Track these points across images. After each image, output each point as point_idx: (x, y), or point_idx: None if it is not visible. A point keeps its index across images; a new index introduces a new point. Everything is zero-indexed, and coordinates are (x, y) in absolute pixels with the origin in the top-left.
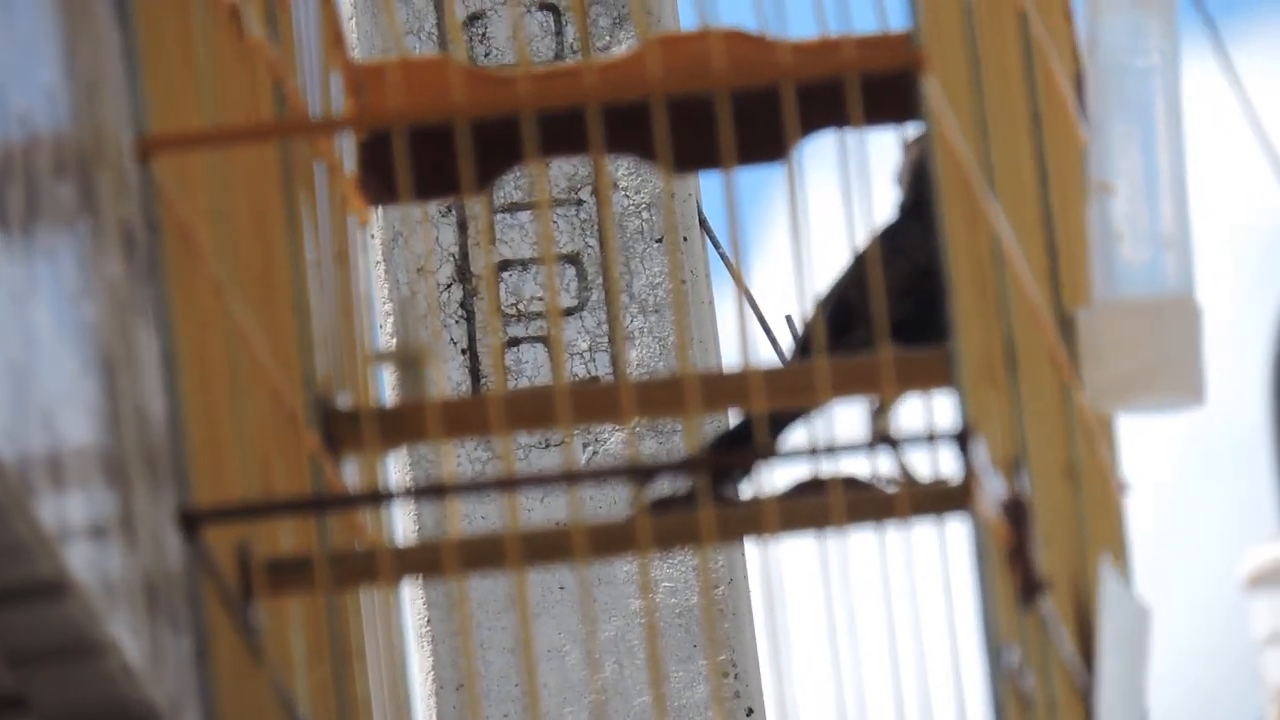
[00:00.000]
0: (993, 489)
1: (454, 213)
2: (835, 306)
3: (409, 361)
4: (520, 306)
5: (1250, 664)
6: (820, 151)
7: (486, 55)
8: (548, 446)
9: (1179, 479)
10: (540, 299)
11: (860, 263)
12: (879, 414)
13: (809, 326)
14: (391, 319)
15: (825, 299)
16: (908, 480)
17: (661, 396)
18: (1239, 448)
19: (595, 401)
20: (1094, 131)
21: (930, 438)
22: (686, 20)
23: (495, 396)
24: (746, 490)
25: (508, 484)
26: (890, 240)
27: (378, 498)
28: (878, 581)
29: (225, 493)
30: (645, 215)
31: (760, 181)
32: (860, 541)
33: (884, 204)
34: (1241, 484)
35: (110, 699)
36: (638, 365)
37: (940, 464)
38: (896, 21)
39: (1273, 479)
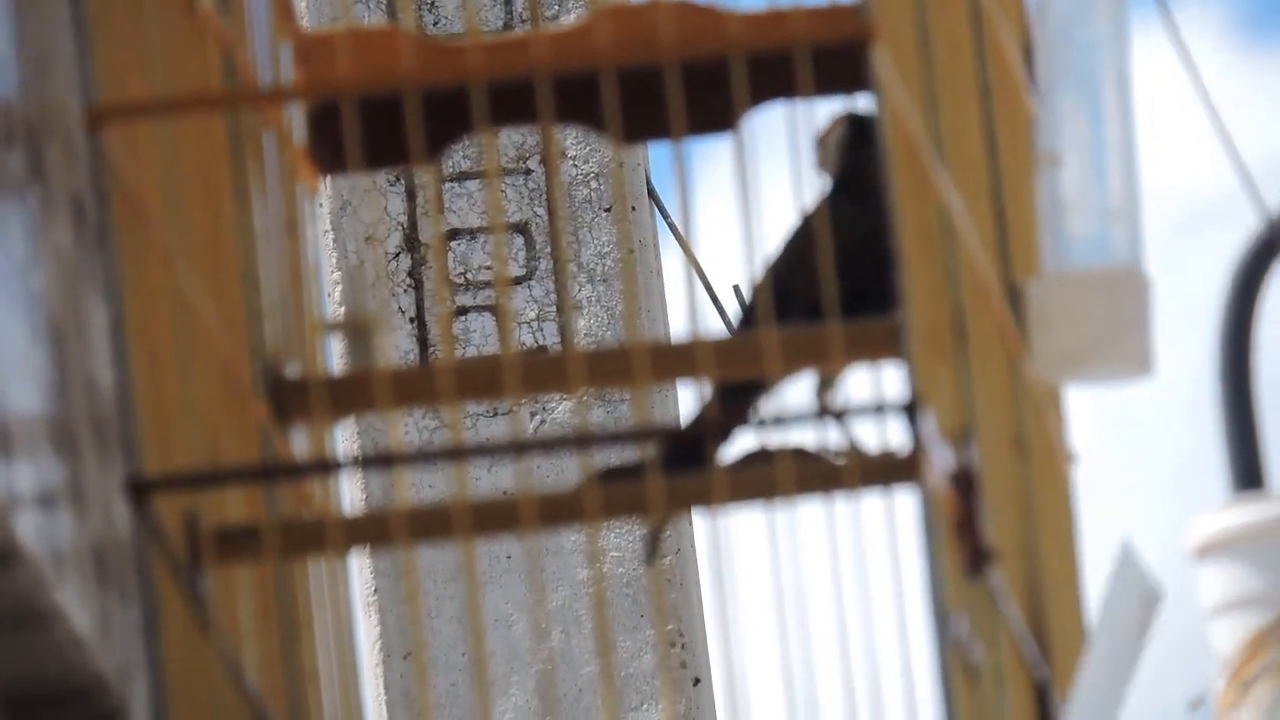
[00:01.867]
0: (941, 460)
1: (402, 182)
2: (772, 291)
3: (357, 331)
4: (468, 275)
5: (1197, 634)
6: (769, 122)
7: (435, 25)
8: (495, 415)
9: (1125, 448)
10: (488, 268)
11: (791, 244)
12: (824, 386)
13: (752, 302)
14: (340, 288)
15: (761, 284)
16: (856, 451)
17: (610, 366)
18: (1186, 417)
19: (543, 371)
20: (1043, 103)
21: (879, 409)
22: None
23: (444, 366)
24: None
25: (456, 453)
26: (821, 220)
27: (326, 467)
28: (825, 552)
29: (174, 462)
30: (593, 185)
31: (709, 151)
32: (808, 512)
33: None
34: (1189, 454)
35: (58, 668)
36: (586, 335)
37: (888, 435)
38: None
39: (1220, 449)
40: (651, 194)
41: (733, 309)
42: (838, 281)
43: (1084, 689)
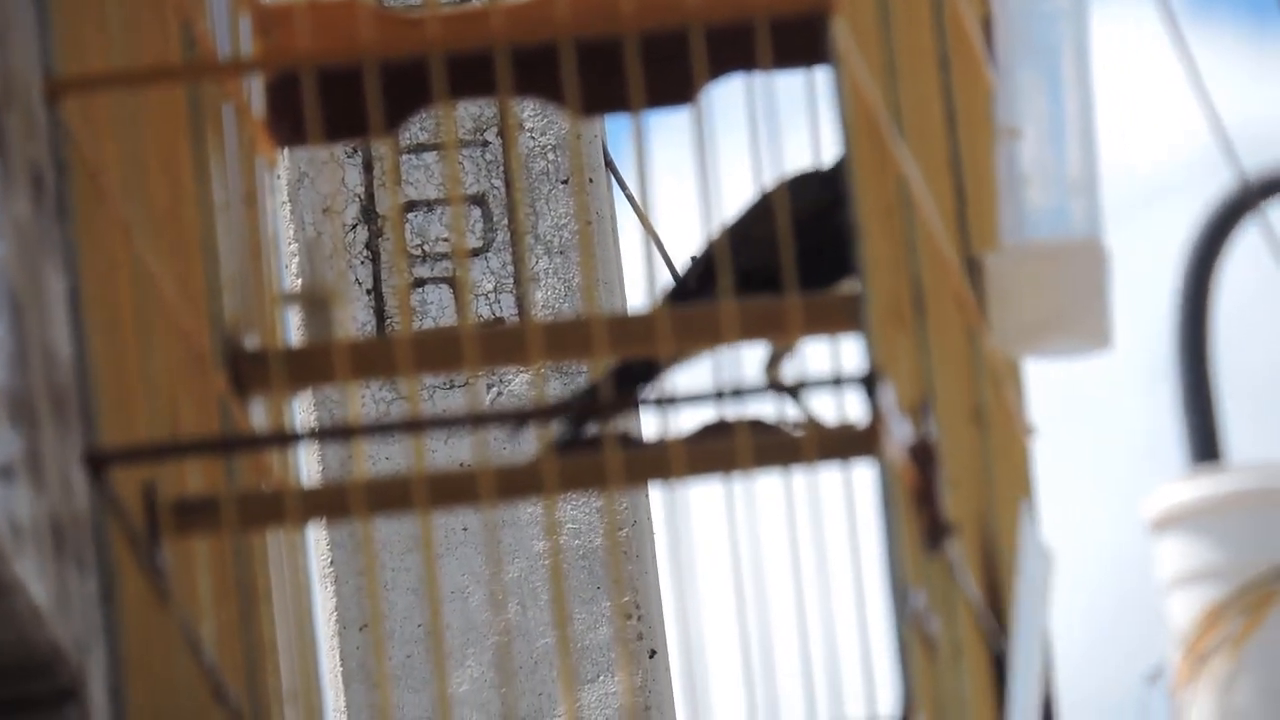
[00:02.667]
0: (899, 432)
1: (360, 154)
2: (727, 259)
3: (315, 302)
4: (425, 247)
5: (1154, 607)
6: (728, 94)
7: None
8: (452, 387)
9: (1084, 421)
10: (445, 240)
11: (744, 221)
12: (776, 359)
13: (698, 275)
14: (297, 260)
15: (712, 252)
16: (814, 424)
17: (567, 338)
18: (1145, 389)
19: (501, 343)
20: (1002, 76)
21: (837, 381)
22: None
23: (401, 338)
24: (642, 431)
25: (414, 425)
26: (780, 191)
27: (284, 439)
28: (783, 524)
29: (132, 434)
30: (551, 157)
31: (667, 124)
32: (766, 485)
33: (792, 147)
34: (1147, 427)
35: (16, 640)
36: (543, 307)
37: (847, 408)
38: None
39: (1177, 422)
40: (609, 165)
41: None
42: (795, 252)
43: (1015, 655)
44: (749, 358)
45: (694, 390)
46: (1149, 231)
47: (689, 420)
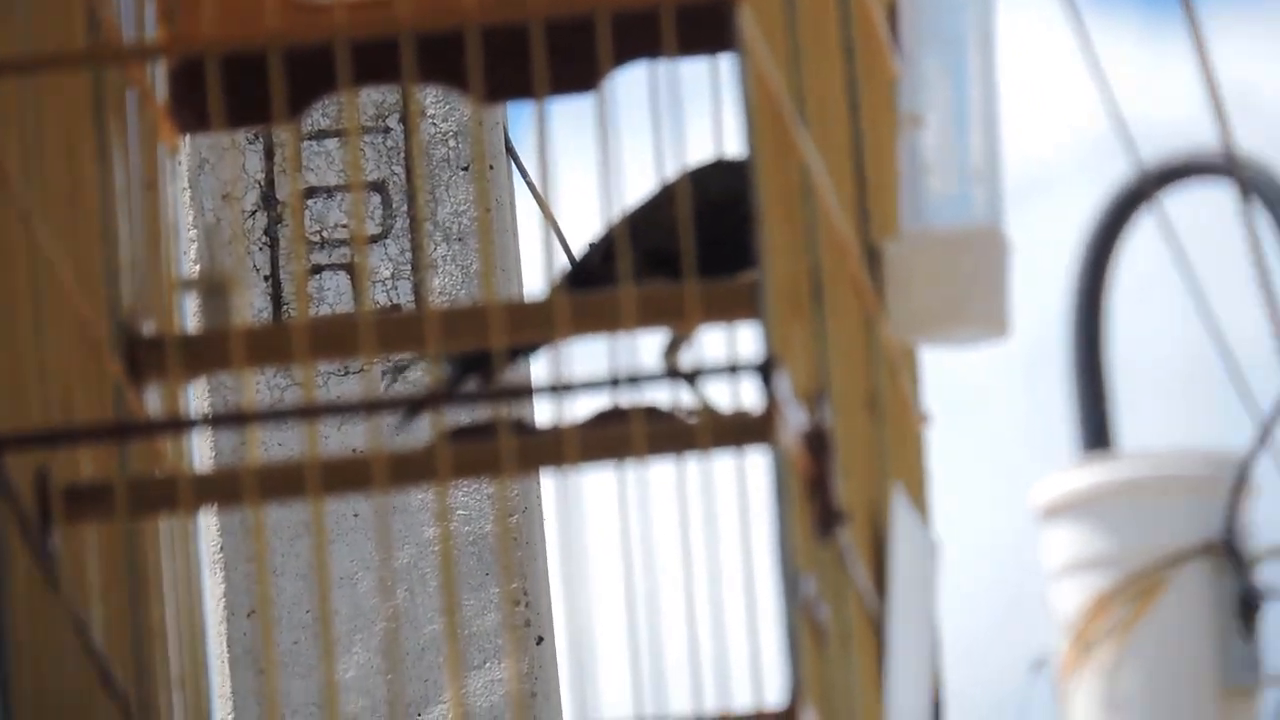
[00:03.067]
0: (794, 420)
1: (261, 140)
2: (628, 245)
3: (213, 289)
4: (324, 234)
5: (1041, 595)
6: (632, 82)
7: None
8: (346, 374)
9: (973, 408)
10: (344, 226)
11: (649, 207)
12: (674, 345)
13: (599, 259)
14: (196, 246)
15: (611, 239)
16: (709, 411)
17: (465, 325)
18: (1035, 377)
19: (398, 330)
20: (906, 64)
21: (733, 368)
22: None
23: (298, 324)
24: (537, 415)
25: (309, 412)
26: (683, 178)
27: (179, 425)
28: (675, 511)
29: (26, 419)
30: (452, 143)
31: (570, 111)
32: (658, 471)
33: (695, 135)
34: (1038, 415)
35: None
36: (441, 293)
37: (742, 395)
38: None
39: (1069, 409)
40: (510, 152)
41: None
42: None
43: (893, 642)
44: (647, 344)
45: (589, 377)
46: (1040, 219)
47: (583, 407)
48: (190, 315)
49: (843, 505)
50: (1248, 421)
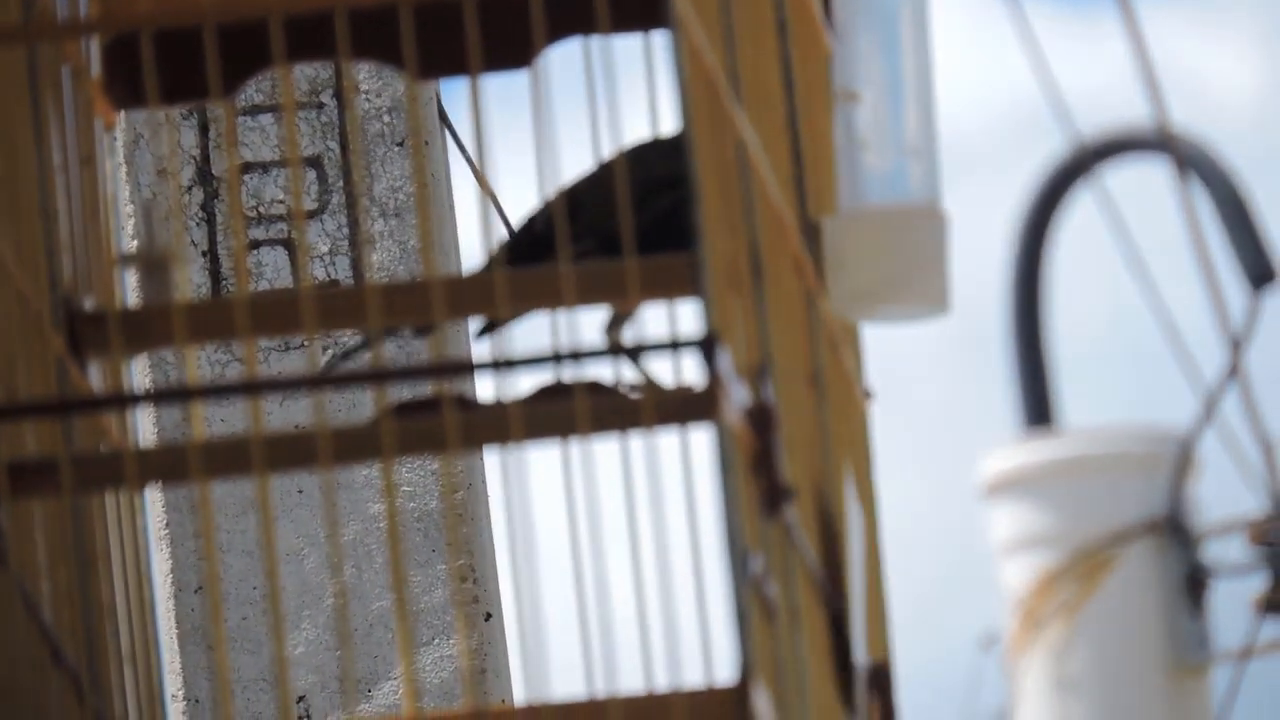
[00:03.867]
0: (737, 396)
1: (195, 115)
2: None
3: (152, 264)
4: (261, 209)
5: (986, 572)
6: (566, 58)
7: None
8: (287, 349)
9: (918, 384)
10: (281, 202)
11: (592, 179)
12: (616, 322)
13: (536, 230)
14: (134, 222)
15: (548, 213)
16: (652, 387)
17: (404, 300)
18: (978, 352)
19: (338, 305)
20: (840, 40)
21: (674, 345)
22: None
23: (239, 300)
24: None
25: (252, 387)
26: (620, 156)
27: (123, 400)
28: (620, 488)
29: None
30: (387, 119)
31: (504, 86)
32: (603, 447)
33: (630, 111)
34: (980, 390)
35: None
36: (379, 269)
37: (684, 371)
38: None
39: (1011, 385)
40: (444, 120)
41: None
42: (635, 216)
43: (856, 620)
44: (586, 321)
45: (532, 353)
46: (978, 194)
47: (527, 383)
48: (130, 291)
49: (788, 481)
50: (1190, 397)
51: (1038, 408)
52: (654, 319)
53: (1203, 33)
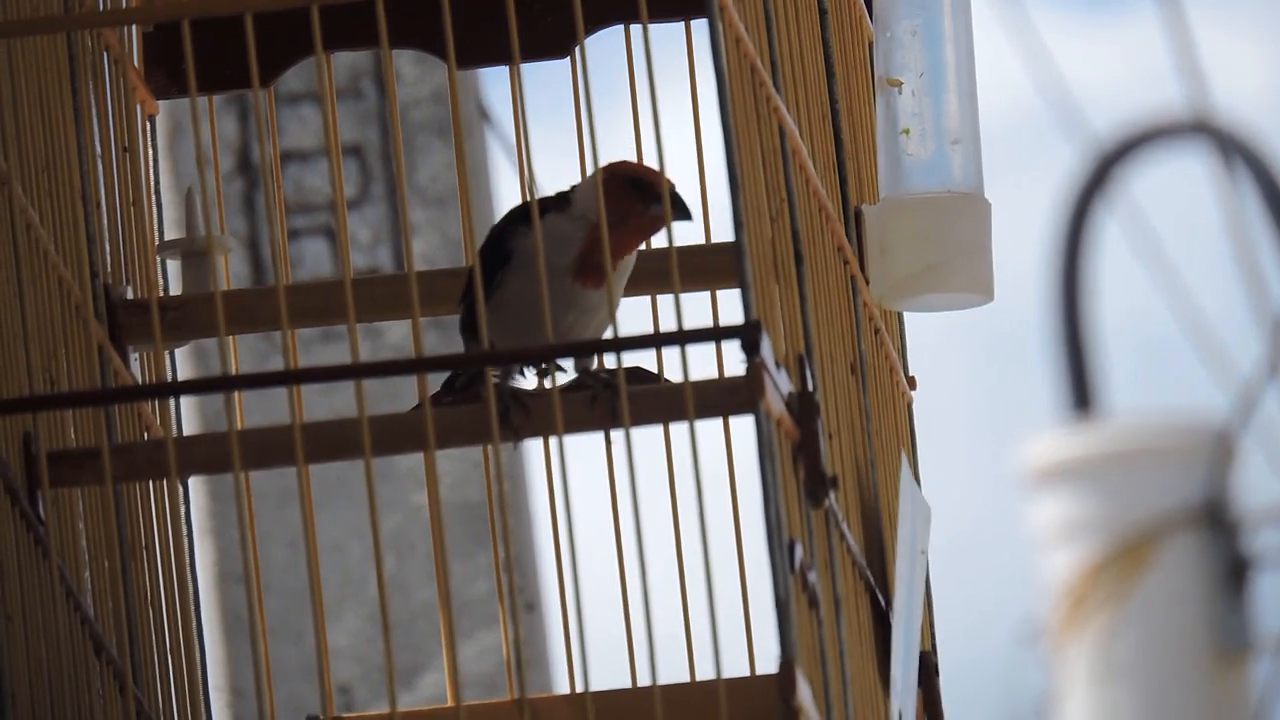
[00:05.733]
0: (779, 385)
1: (237, 104)
2: None
3: (193, 254)
4: (301, 199)
5: (1029, 560)
6: (607, 46)
7: None
8: (328, 339)
9: (960, 373)
10: (322, 191)
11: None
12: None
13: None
14: (175, 211)
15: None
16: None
17: (446, 289)
18: (1017, 341)
19: (380, 295)
20: (881, 27)
21: (717, 334)
22: None
23: (280, 289)
24: (534, 384)
25: (293, 377)
26: None
27: (164, 390)
28: (664, 478)
29: (11, 385)
30: (427, 107)
31: (546, 74)
32: (647, 437)
33: (670, 98)
34: (1020, 378)
35: None
36: (420, 258)
37: (727, 360)
38: None
39: (1054, 375)
40: (483, 113)
41: None
42: None
43: (899, 605)
44: (630, 311)
45: (575, 341)
46: (1020, 182)
47: (571, 373)
48: (171, 280)
49: (830, 470)
50: (1232, 386)
51: (1082, 395)
52: (697, 308)
53: (1214, 28)
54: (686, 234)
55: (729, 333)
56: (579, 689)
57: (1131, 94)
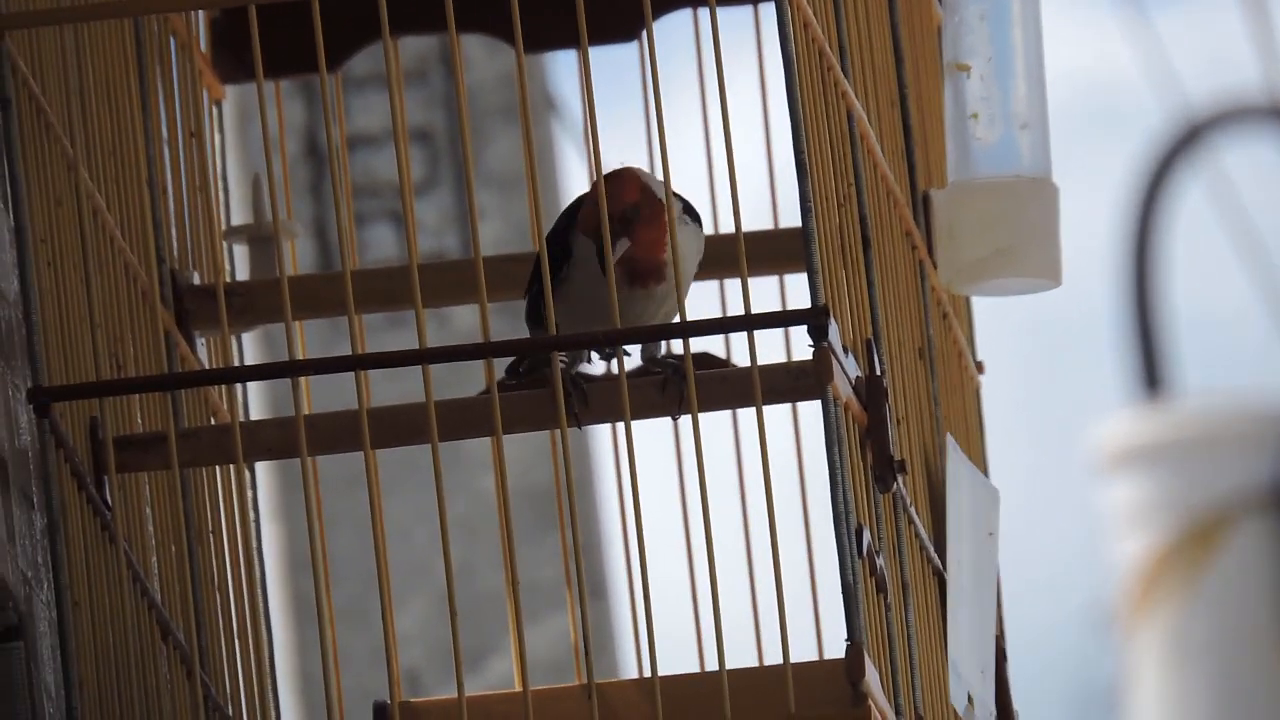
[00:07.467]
0: (847, 370)
1: (303, 89)
2: None
3: (260, 239)
4: (369, 183)
5: (1098, 545)
6: (674, 30)
7: None
8: (394, 325)
9: (1029, 358)
10: (389, 176)
11: None
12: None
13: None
14: (242, 196)
15: None
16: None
17: (513, 274)
18: (1086, 325)
19: (447, 280)
20: (950, 11)
21: (785, 319)
22: None
23: (347, 274)
24: (601, 370)
25: (360, 362)
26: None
27: (230, 375)
28: (731, 463)
29: (78, 370)
30: (495, 92)
31: (613, 59)
32: (714, 421)
33: (738, 83)
34: (1090, 363)
35: None
36: (486, 243)
37: (795, 345)
38: None
39: (1125, 358)
40: (553, 101)
41: None
42: None
43: (953, 591)
44: (698, 296)
45: (639, 327)
46: (1090, 164)
47: (638, 358)
48: (239, 265)
49: (898, 455)
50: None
51: (1152, 378)
52: (765, 293)
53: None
54: (755, 219)
55: (797, 317)
56: (646, 674)
57: (1208, 77)
